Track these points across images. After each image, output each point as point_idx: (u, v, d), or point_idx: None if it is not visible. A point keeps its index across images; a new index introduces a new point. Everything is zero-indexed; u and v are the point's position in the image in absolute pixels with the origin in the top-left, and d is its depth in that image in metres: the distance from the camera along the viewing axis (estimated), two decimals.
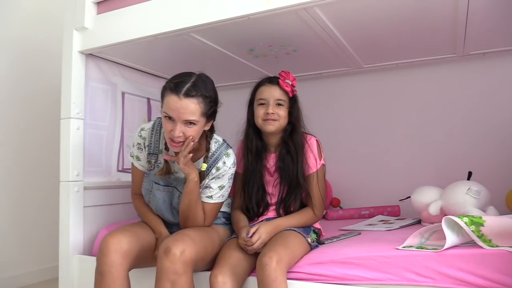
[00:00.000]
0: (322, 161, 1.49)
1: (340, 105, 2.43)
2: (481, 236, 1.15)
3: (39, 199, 2.53)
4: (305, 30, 1.62)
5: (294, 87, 1.49)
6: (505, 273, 1.07)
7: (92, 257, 1.64)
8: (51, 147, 2.51)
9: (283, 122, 1.47)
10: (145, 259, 1.39)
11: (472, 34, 1.74)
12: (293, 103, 1.49)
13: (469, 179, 1.67)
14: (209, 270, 1.35)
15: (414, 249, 1.22)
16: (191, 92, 1.26)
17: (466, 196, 1.53)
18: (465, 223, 1.15)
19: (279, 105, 1.46)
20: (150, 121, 1.53)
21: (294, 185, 1.46)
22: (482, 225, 1.16)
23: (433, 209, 1.61)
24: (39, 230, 2.52)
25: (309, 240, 1.38)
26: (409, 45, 1.89)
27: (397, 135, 2.28)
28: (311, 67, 2.25)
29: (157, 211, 1.50)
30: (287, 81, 1.47)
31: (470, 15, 1.52)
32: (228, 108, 2.26)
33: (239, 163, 1.55)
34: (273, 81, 1.49)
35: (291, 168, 1.46)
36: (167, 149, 1.42)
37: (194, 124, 1.28)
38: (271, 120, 1.44)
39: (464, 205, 1.52)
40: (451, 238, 1.17)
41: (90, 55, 1.83)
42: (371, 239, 1.48)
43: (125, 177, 2.01)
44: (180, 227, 1.44)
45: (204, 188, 1.43)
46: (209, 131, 1.43)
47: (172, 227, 1.51)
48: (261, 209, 1.51)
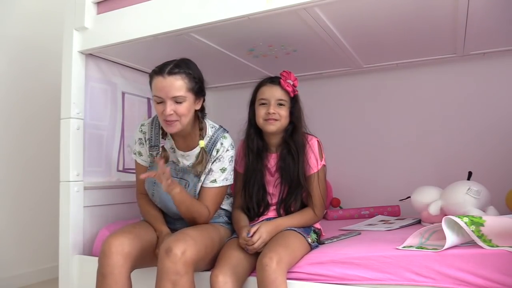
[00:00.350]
0: (323, 162, 1.49)
1: (340, 105, 2.43)
2: (481, 236, 1.15)
3: (37, 199, 2.53)
4: (305, 30, 1.62)
5: (296, 87, 1.49)
6: (505, 273, 1.07)
7: (92, 257, 1.65)
8: (50, 146, 2.51)
9: (284, 122, 1.47)
10: (146, 259, 1.39)
11: (472, 34, 1.74)
12: (294, 103, 1.49)
13: (469, 179, 1.68)
14: (209, 269, 1.35)
15: (414, 249, 1.22)
16: (174, 70, 1.35)
17: (466, 196, 1.53)
18: (465, 223, 1.15)
19: (280, 105, 1.46)
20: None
21: (294, 185, 1.46)
22: (482, 225, 1.16)
23: (433, 209, 1.61)
24: (37, 230, 2.52)
25: (309, 240, 1.38)
26: (409, 45, 1.89)
27: (397, 135, 2.28)
28: (311, 67, 2.25)
29: (161, 203, 1.51)
30: (288, 81, 1.47)
31: (470, 15, 1.52)
32: (228, 108, 2.28)
33: (240, 163, 1.56)
34: (274, 81, 1.49)
35: (292, 168, 1.46)
36: (164, 137, 1.49)
37: (183, 101, 1.35)
38: (272, 120, 1.44)
39: (464, 205, 1.52)
40: (451, 238, 1.17)
41: (90, 55, 1.83)
42: (371, 239, 1.48)
43: (125, 177, 2.01)
44: (188, 224, 1.46)
45: (207, 174, 1.46)
46: (200, 112, 1.47)
47: (175, 223, 1.52)
48: (261, 209, 1.51)
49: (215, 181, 1.46)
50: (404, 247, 1.25)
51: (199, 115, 1.48)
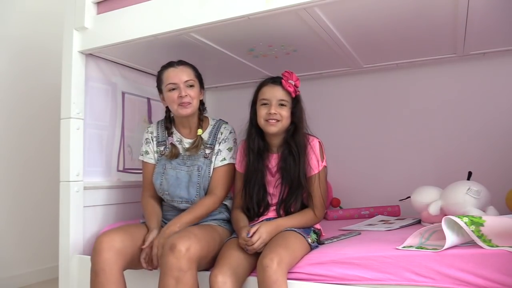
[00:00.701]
0: (324, 163, 1.49)
1: (340, 105, 2.43)
2: (481, 236, 1.15)
3: (37, 199, 2.53)
4: (305, 30, 1.62)
5: (297, 87, 1.48)
6: (505, 273, 1.07)
7: None
8: (50, 146, 2.51)
9: (285, 122, 1.46)
10: (139, 257, 1.40)
11: (472, 34, 1.74)
12: (295, 103, 1.48)
13: (469, 179, 1.67)
14: (209, 269, 1.35)
15: (414, 249, 1.22)
16: (181, 62, 1.59)
17: (466, 196, 1.53)
18: (465, 223, 1.16)
19: (282, 105, 1.45)
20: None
21: (295, 185, 1.45)
22: (482, 225, 1.16)
23: (433, 209, 1.61)
24: (37, 230, 2.52)
25: (309, 241, 1.38)
26: (409, 45, 1.89)
27: (397, 135, 2.28)
28: (311, 67, 2.25)
29: (169, 189, 1.57)
30: (290, 81, 1.46)
31: (470, 15, 1.52)
32: (228, 108, 2.27)
33: (240, 163, 1.56)
34: (276, 81, 1.48)
35: (293, 169, 1.45)
36: (170, 134, 1.62)
37: (194, 84, 1.56)
38: (273, 121, 1.44)
39: (464, 205, 1.52)
40: (451, 238, 1.17)
41: (90, 55, 1.83)
42: (371, 239, 1.48)
43: (125, 177, 2.01)
44: None
45: (217, 155, 1.58)
46: (201, 104, 1.64)
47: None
48: (261, 209, 1.51)
49: (224, 159, 1.58)
50: (404, 247, 1.25)
51: (201, 108, 1.63)
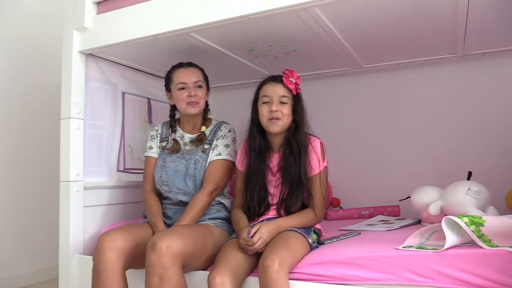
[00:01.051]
0: (325, 163, 1.49)
1: (340, 105, 2.43)
2: (481, 236, 1.15)
3: (37, 199, 2.53)
4: (305, 30, 1.62)
5: (298, 85, 1.49)
6: (505, 273, 1.07)
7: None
8: (50, 146, 2.51)
9: (286, 120, 1.46)
10: (141, 258, 1.39)
11: (472, 34, 1.74)
12: (296, 101, 1.49)
13: (469, 179, 1.67)
14: (207, 269, 1.35)
15: (414, 249, 1.22)
16: (191, 64, 1.67)
17: (466, 196, 1.53)
18: (465, 223, 1.15)
19: (283, 103, 1.45)
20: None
21: (295, 185, 1.45)
22: (482, 225, 1.16)
23: (433, 209, 1.61)
24: (37, 230, 2.52)
25: (310, 241, 1.38)
26: (409, 45, 1.89)
27: (397, 135, 2.28)
28: (311, 67, 2.24)
29: (168, 180, 1.61)
30: (290, 79, 1.46)
31: (470, 14, 1.52)
32: (228, 108, 2.27)
33: (241, 162, 1.56)
34: (277, 79, 1.49)
35: (294, 168, 1.45)
36: (174, 131, 1.70)
37: (201, 86, 1.64)
38: (275, 120, 1.44)
39: (464, 205, 1.52)
40: (451, 238, 1.17)
41: (90, 55, 1.83)
42: (371, 239, 1.48)
43: (125, 177, 2.01)
44: None
45: (213, 149, 1.62)
46: (206, 105, 1.72)
47: (176, 217, 1.56)
48: (262, 209, 1.51)
49: (219, 154, 1.61)
50: (404, 247, 1.25)
51: (205, 109, 1.71)
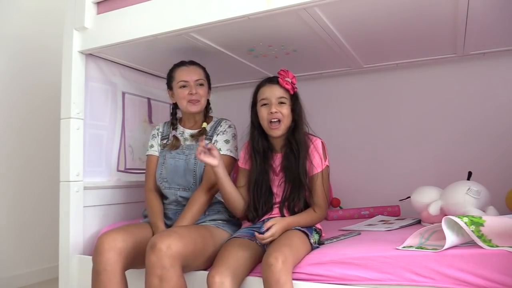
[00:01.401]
0: (326, 162, 1.49)
1: (340, 105, 2.43)
2: (481, 236, 1.15)
3: (37, 199, 2.53)
4: (305, 30, 1.62)
5: (294, 84, 1.49)
6: (505, 273, 1.07)
7: None
8: (50, 146, 2.51)
9: (287, 121, 1.46)
10: (141, 258, 1.39)
11: (472, 34, 1.74)
12: (294, 100, 1.49)
13: (469, 179, 1.67)
14: (207, 270, 1.35)
15: (414, 249, 1.22)
16: (193, 62, 1.68)
17: (466, 196, 1.53)
18: (465, 223, 1.15)
19: (282, 103, 1.46)
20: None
21: (297, 184, 1.46)
22: (482, 225, 1.16)
23: (433, 209, 1.61)
24: (37, 230, 2.52)
25: (312, 241, 1.38)
26: (409, 45, 1.89)
27: (397, 135, 2.28)
28: (311, 67, 2.25)
29: (168, 176, 1.63)
30: (286, 79, 1.47)
31: (470, 14, 1.52)
32: (228, 107, 2.27)
33: (245, 161, 1.56)
34: (273, 80, 1.49)
35: (294, 166, 1.46)
36: (174, 129, 1.71)
37: (203, 85, 1.64)
38: (276, 124, 1.45)
39: (464, 205, 1.52)
40: (451, 238, 1.17)
41: (90, 55, 1.83)
42: (371, 239, 1.48)
43: (125, 177, 2.01)
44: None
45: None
46: (207, 104, 1.72)
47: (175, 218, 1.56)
48: (265, 208, 1.52)
49: (219, 149, 1.58)
50: (404, 247, 1.25)
51: (207, 107, 1.72)
